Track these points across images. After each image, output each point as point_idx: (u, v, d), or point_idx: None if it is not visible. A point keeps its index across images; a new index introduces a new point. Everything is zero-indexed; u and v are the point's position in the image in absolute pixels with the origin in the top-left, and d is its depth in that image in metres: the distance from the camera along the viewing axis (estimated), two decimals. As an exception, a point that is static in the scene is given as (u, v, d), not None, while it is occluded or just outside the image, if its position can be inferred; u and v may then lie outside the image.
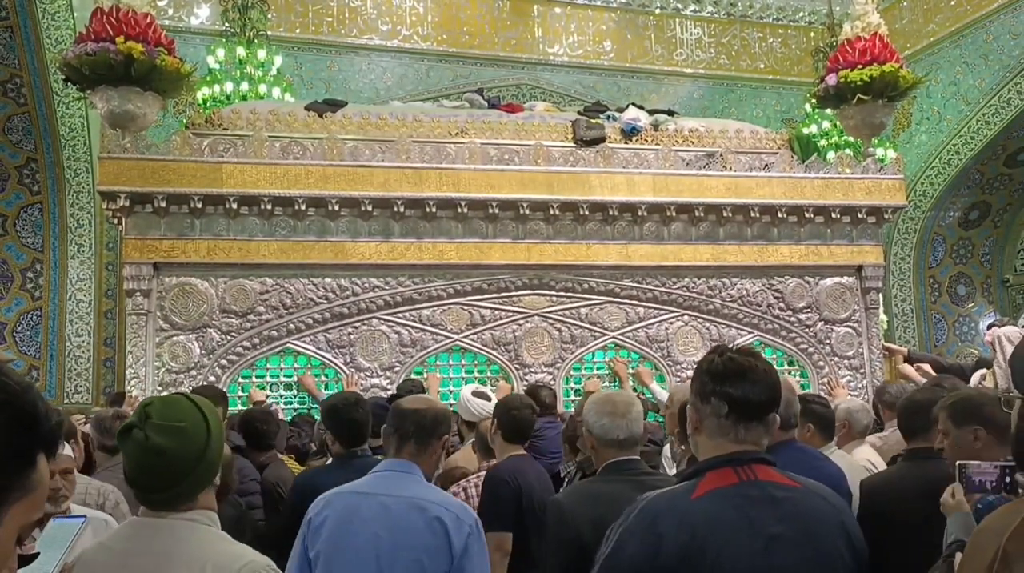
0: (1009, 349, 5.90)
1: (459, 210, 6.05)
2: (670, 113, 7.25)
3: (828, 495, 1.96)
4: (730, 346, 2.00)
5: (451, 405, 5.57)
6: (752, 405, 1.86)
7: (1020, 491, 2.05)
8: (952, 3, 11.21)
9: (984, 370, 6.18)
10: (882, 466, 3.67)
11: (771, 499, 1.82)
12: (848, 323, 6.77)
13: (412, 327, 6.08)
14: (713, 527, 1.76)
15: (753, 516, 1.78)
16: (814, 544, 1.80)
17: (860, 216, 6.71)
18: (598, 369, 6.42)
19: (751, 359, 1.91)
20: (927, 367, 6.56)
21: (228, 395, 5.24)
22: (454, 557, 2.46)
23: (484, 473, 3.75)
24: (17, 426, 0.95)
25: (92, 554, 1.85)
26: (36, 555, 1.09)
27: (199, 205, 5.70)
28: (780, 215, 6.56)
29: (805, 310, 6.70)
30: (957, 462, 2.31)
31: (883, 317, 7.24)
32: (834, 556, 1.82)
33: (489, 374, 6.21)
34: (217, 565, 1.71)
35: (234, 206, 5.75)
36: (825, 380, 6.65)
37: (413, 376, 5.99)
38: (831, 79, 6.79)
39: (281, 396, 5.90)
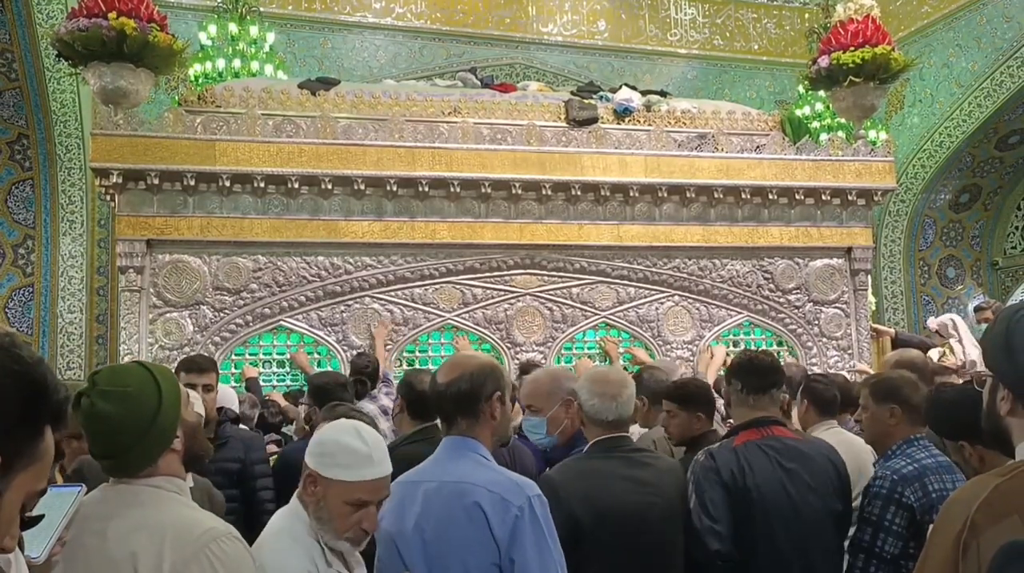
0: (963, 327, 6.52)
1: (451, 189, 6.07)
2: (663, 94, 7.25)
3: (821, 445, 2.91)
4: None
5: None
6: (755, 384, 2.81)
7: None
8: (946, -15, 11.20)
9: (940, 349, 6.48)
10: None
11: (784, 446, 2.76)
12: (837, 304, 6.83)
13: (404, 305, 6.11)
14: (751, 465, 2.69)
15: (774, 457, 2.72)
16: (812, 472, 2.74)
17: (850, 198, 6.75)
18: (589, 349, 6.47)
19: (760, 354, 2.95)
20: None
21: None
22: (500, 547, 2.02)
23: None
24: (28, 396, 0.99)
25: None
26: (40, 517, 1.13)
27: (192, 182, 5.71)
28: (771, 197, 6.60)
29: (794, 291, 6.76)
30: None
31: (871, 299, 7.30)
32: (825, 480, 2.76)
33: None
34: (178, 531, 1.71)
35: (227, 184, 5.75)
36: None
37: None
38: (823, 61, 6.81)
39: (274, 373, 5.93)
